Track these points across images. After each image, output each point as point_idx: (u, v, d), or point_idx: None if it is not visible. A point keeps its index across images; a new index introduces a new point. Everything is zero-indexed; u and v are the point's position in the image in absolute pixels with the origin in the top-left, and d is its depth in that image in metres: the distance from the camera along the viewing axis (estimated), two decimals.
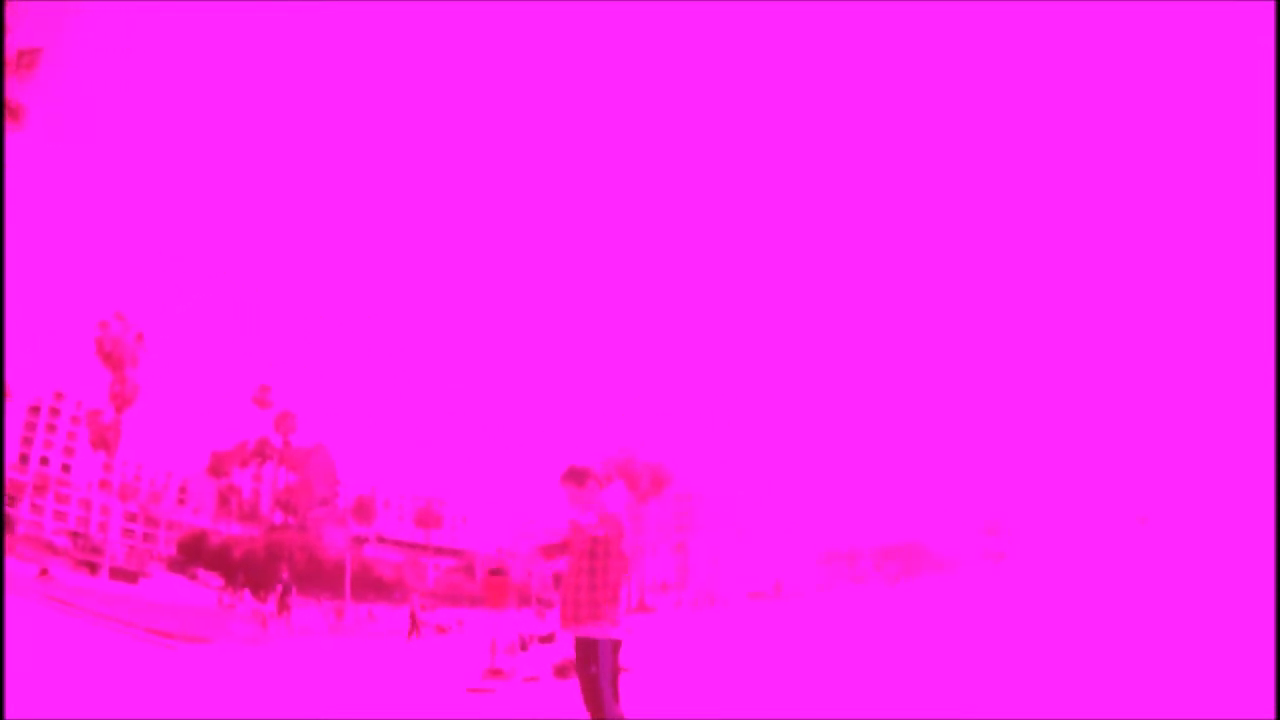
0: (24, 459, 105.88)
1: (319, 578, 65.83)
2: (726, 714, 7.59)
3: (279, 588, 26.70)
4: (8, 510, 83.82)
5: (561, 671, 12.69)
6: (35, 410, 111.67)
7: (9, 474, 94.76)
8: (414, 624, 23.65)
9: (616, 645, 4.61)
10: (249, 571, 58.39)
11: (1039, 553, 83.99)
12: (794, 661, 14.20)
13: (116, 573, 51.04)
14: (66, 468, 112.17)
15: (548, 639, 23.34)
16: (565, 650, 16.54)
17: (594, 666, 4.45)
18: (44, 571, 35.51)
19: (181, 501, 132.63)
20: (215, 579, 64.69)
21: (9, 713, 6.42)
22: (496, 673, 12.70)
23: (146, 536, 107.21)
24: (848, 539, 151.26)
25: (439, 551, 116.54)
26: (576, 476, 4.94)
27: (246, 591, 46.62)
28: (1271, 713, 4.76)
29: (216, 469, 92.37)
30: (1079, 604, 15.51)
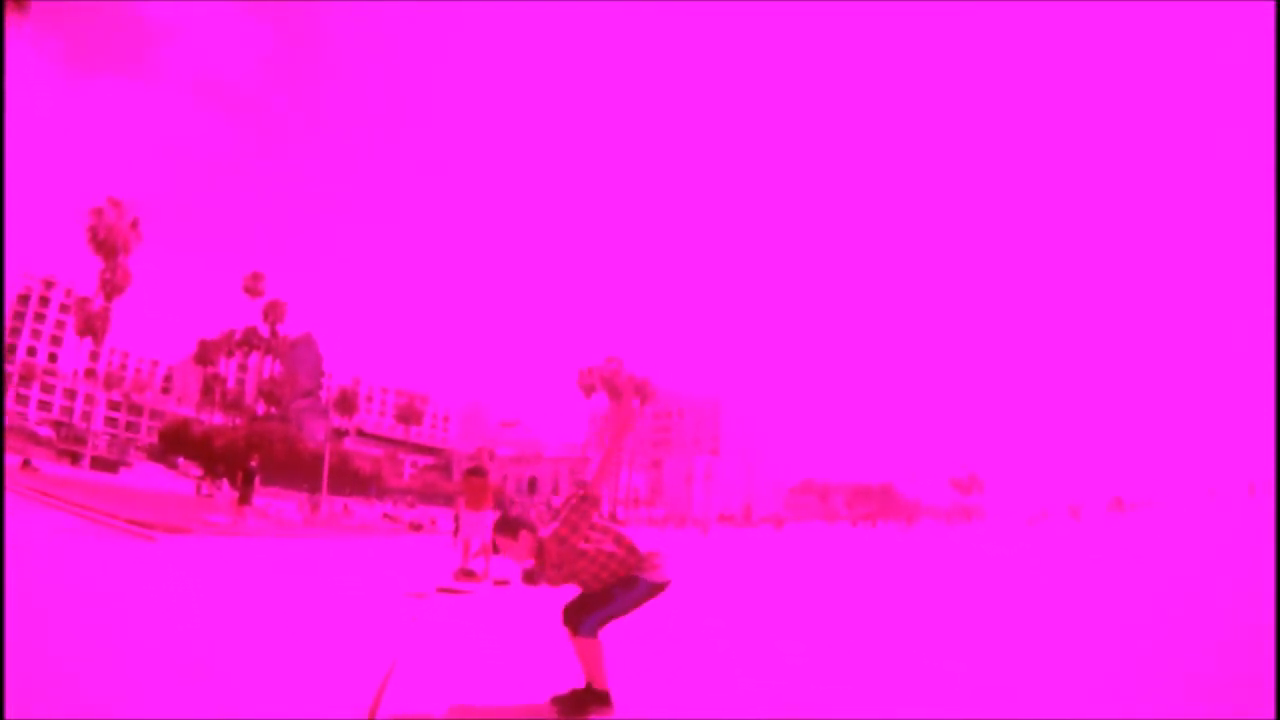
0: (10, 349, 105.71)
1: (297, 469, 66.36)
2: (676, 635, 7.43)
3: (239, 476, 26.69)
4: None
5: (531, 577, 13.12)
6: (24, 299, 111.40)
7: None
8: (459, 525, 23.87)
9: (654, 589, 4.56)
10: (229, 462, 58.49)
11: (1010, 518, 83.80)
12: (755, 590, 14.30)
13: (98, 462, 51.56)
14: (53, 357, 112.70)
15: None
16: None
17: (620, 591, 4.48)
18: (27, 463, 35.91)
19: (166, 390, 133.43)
20: (195, 469, 64.88)
21: None
22: (468, 574, 12.58)
23: (129, 425, 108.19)
24: (822, 473, 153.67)
25: (417, 449, 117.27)
26: (509, 528, 4.80)
27: (225, 481, 47.31)
28: (1271, 712, 4.61)
29: (202, 357, 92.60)
30: (1039, 578, 15.32)
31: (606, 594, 4.49)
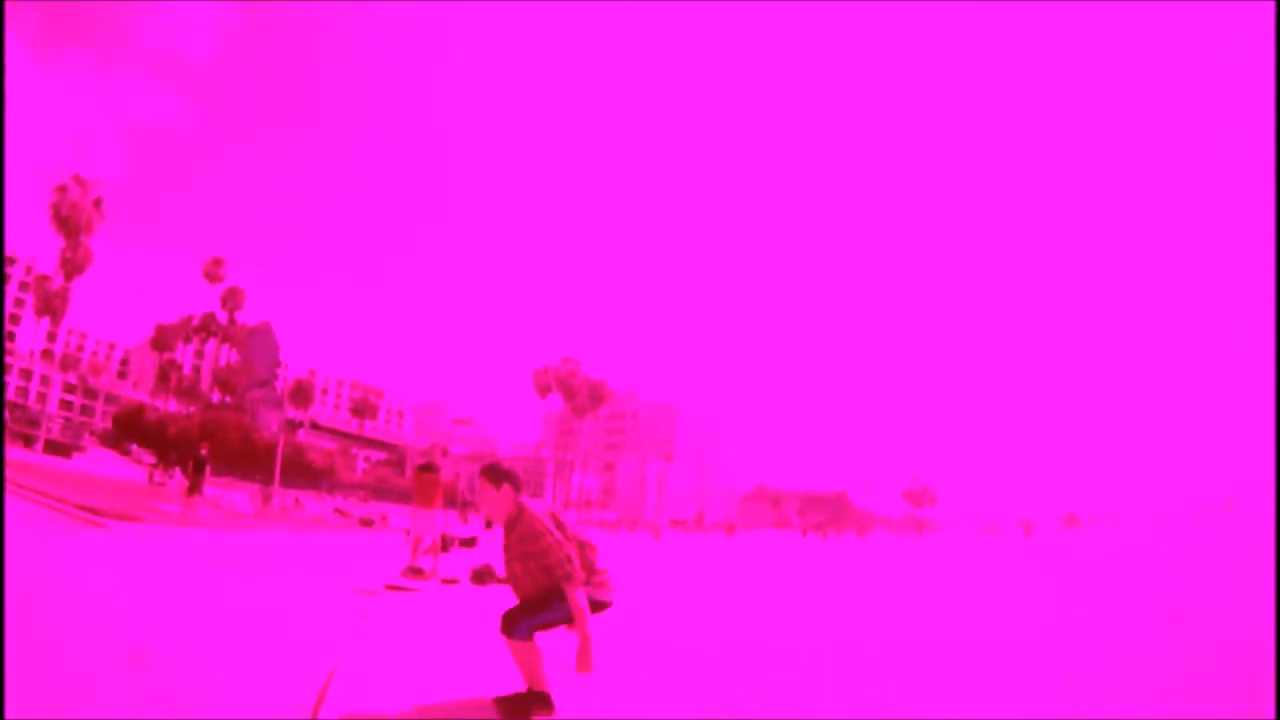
0: None
1: (250, 460, 65.60)
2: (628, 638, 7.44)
3: (190, 465, 26.47)
4: None
5: (479, 577, 12.61)
6: None
7: None
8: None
9: (593, 605, 4.50)
10: (182, 449, 57.72)
11: (963, 530, 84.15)
12: (704, 595, 14.49)
13: (51, 446, 50.74)
14: (11, 336, 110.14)
15: (469, 542, 23.19)
16: (484, 555, 16.80)
17: (557, 601, 4.38)
18: None
19: (122, 375, 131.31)
20: (148, 456, 64.02)
21: None
22: (416, 572, 12.69)
23: (84, 409, 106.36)
24: (775, 480, 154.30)
25: (371, 443, 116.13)
26: (494, 476, 4.70)
27: (178, 470, 46.78)
28: (1272, 713, 4.61)
29: (159, 343, 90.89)
30: (991, 589, 15.65)
31: (544, 601, 4.41)
